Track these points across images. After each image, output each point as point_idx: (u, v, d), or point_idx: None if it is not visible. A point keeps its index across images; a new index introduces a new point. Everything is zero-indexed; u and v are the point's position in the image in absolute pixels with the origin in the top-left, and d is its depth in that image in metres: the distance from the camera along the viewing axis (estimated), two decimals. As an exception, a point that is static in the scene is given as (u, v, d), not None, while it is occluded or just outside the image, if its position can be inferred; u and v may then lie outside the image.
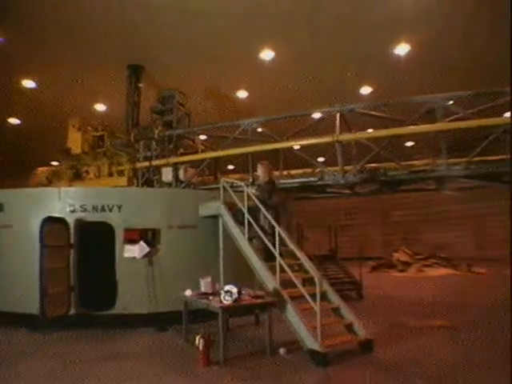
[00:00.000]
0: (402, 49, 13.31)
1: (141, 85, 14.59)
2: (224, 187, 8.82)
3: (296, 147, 11.69)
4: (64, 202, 9.06)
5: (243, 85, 15.67)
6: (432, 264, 20.21)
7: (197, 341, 6.26)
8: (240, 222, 8.26)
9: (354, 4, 10.99)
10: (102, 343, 7.63)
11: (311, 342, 6.26)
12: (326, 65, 14.07)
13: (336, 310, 7.32)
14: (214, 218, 9.06)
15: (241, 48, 12.88)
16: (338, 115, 10.61)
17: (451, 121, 9.94)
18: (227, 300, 6.49)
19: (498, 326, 8.39)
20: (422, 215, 28.50)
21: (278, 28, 11.98)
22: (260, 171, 8.88)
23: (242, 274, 7.81)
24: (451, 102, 10.06)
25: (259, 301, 6.90)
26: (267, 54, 13.35)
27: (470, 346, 7.02)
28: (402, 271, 20.05)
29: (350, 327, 7.05)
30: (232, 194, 8.53)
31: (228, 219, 8.51)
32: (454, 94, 10.20)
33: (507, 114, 12.75)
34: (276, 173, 10.84)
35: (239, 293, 6.62)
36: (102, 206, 9.07)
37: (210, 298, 6.99)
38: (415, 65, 14.16)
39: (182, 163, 12.56)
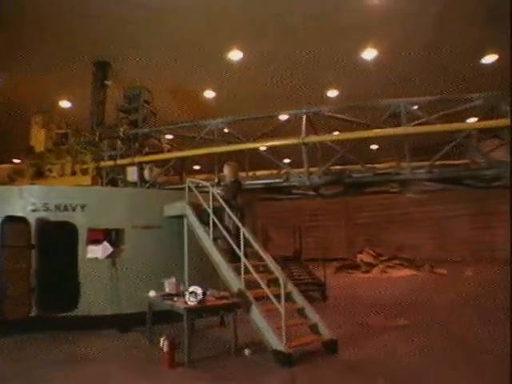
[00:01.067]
0: (369, 53, 13.50)
1: (107, 82, 14.34)
2: (189, 187, 8.79)
3: (262, 148, 11.73)
4: (25, 200, 8.85)
5: (211, 85, 15.61)
6: (395, 265, 20.52)
7: (161, 342, 6.21)
8: (205, 222, 8.23)
9: (324, 7, 11.06)
10: (64, 346, 7.49)
11: (276, 343, 6.28)
12: (294, 67, 14.13)
13: (300, 311, 7.35)
14: (179, 218, 9.00)
15: (209, 47, 12.78)
16: (304, 117, 10.69)
17: (415, 125, 10.13)
18: (192, 301, 6.48)
19: (459, 324, 8.67)
20: (386, 217, 28.94)
21: (246, 28, 11.98)
22: (226, 171, 8.87)
23: (207, 274, 7.79)
24: (416, 107, 10.24)
25: (224, 302, 6.91)
26: (235, 55, 13.32)
27: (432, 344, 7.15)
28: (365, 272, 20.27)
29: (314, 328, 7.08)
30: (197, 194, 8.51)
31: (193, 219, 8.48)
32: (419, 99, 10.41)
33: (470, 120, 13.09)
34: (242, 174, 10.85)
35: (204, 294, 6.62)
36: (65, 206, 8.91)
37: (175, 299, 6.96)
38: (382, 69, 14.39)
39: (148, 163, 12.43)
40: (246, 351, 6.70)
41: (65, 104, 17.00)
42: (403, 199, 24.62)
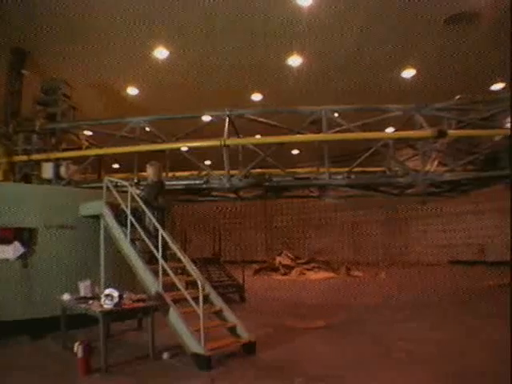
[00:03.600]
0: (294, 60, 13.71)
1: (24, 72, 13.61)
2: (107, 186, 8.53)
3: (184, 149, 11.62)
4: None
5: (134, 82, 15.23)
6: (313, 268, 20.96)
7: (76, 348, 5.93)
8: (123, 223, 8.03)
9: (251, 10, 11.11)
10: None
11: (194, 346, 6.21)
12: (219, 68, 14.11)
13: (219, 313, 7.33)
14: (97, 218, 8.74)
15: (134, 43, 12.44)
16: (227, 119, 10.70)
17: (335, 132, 10.40)
18: (108, 304, 6.28)
19: (375, 324, 8.95)
20: (305, 221, 29.61)
21: (173, 27, 11.77)
22: (150, 171, 8.71)
23: (124, 277, 7.63)
24: (336, 115, 10.52)
25: (141, 305, 6.77)
26: (161, 53, 13.08)
27: (349, 344, 7.33)
28: (284, 274, 20.56)
29: (233, 330, 7.08)
30: (115, 193, 8.28)
31: (110, 220, 8.23)
32: (340, 107, 10.71)
33: (388, 130, 13.63)
34: (162, 174, 10.70)
35: (120, 297, 6.43)
36: (-29, 202, 8.38)
37: (90, 302, 6.73)
38: (306, 76, 14.66)
39: (65, 159, 11.96)
40: (165, 355, 6.59)
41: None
42: (321, 204, 25.31)
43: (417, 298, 12.43)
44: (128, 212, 7.82)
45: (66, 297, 7.26)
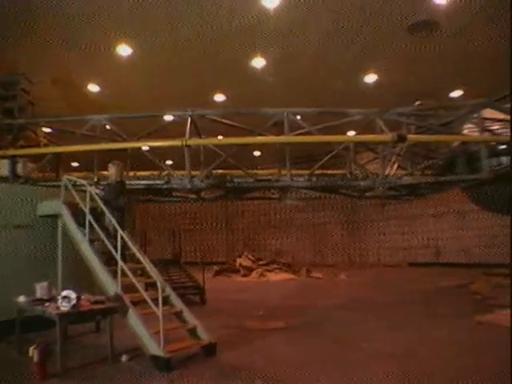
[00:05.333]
0: (258, 62, 13.73)
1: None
2: (66, 185, 8.38)
3: (145, 148, 11.50)
4: None
5: (96, 78, 14.92)
6: (273, 269, 21.02)
7: (31, 352, 5.72)
8: (82, 223, 7.90)
9: (216, 10, 11.06)
10: None
11: (154, 348, 6.15)
12: (183, 68, 14.00)
13: (179, 315, 7.29)
14: (54, 217, 8.56)
15: (96, 39, 12.12)
16: (189, 119, 10.62)
17: (297, 134, 10.45)
18: (65, 306, 6.15)
19: (334, 324, 9.10)
20: (265, 222, 29.71)
21: (137, 24, 11.57)
22: (111, 171, 8.60)
23: (82, 278, 7.48)
24: (299, 117, 10.58)
25: (99, 306, 6.64)
26: (124, 50, 12.84)
27: (309, 345, 7.39)
28: (244, 276, 20.59)
29: (193, 331, 7.04)
30: (74, 193, 8.14)
31: (68, 220, 8.09)
32: (302, 109, 10.77)
33: (349, 133, 13.81)
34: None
35: (78, 298, 6.31)
36: None
37: (47, 304, 6.56)
38: (269, 78, 14.70)
39: (22, 156, 11.66)
40: (124, 357, 6.49)
41: None
42: (283, 205, 25.47)
43: (376, 298, 12.63)
44: (86, 212, 7.71)
45: (21, 299, 7.05)
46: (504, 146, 10.21)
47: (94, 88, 15.50)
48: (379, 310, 10.72)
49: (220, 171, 11.32)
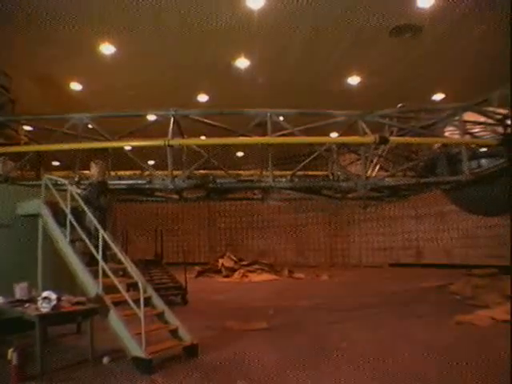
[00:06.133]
0: (242, 62, 13.75)
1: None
2: (46, 184, 8.29)
3: (127, 148, 11.42)
4: None
5: (78, 76, 14.78)
6: (256, 270, 21.03)
7: (9, 355, 5.61)
8: (63, 223, 7.81)
9: (201, 10, 11.04)
10: None
11: (135, 349, 6.10)
12: (166, 68, 13.97)
13: (161, 316, 7.24)
14: (35, 217, 8.46)
15: (79, 37, 12.00)
16: (172, 119, 10.56)
17: (280, 135, 10.46)
18: (45, 307, 6.07)
19: (315, 324, 9.12)
20: (248, 223, 29.71)
21: (121, 22, 11.49)
22: (93, 170, 8.53)
23: (63, 279, 7.39)
24: (282, 118, 10.59)
25: (80, 307, 6.58)
26: (108, 48, 12.73)
27: (290, 345, 7.40)
28: (226, 276, 20.55)
29: (174, 332, 7.01)
30: (55, 192, 8.05)
31: (49, 219, 8.00)
32: (285, 110, 10.77)
33: (332, 135, 13.87)
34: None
35: (58, 299, 6.25)
36: None
37: (26, 305, 6.47)
38: (253, 79, 14.72)
39: (1, 155, 11.49)
40: (105, 359, 6.42)
41: None
42: (265, 206, 25.47)
43: (357, 299, 12.69)
44: (67, 211, 7.63)
45: (0, 300, 6.97)
46: (484, 149, 10.34)
47: (76, 86, 15.36)
48: (360, 310, 10.78)
49: (202, 171, 11.28)
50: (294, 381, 5.68)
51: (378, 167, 11.05)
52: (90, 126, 11.35)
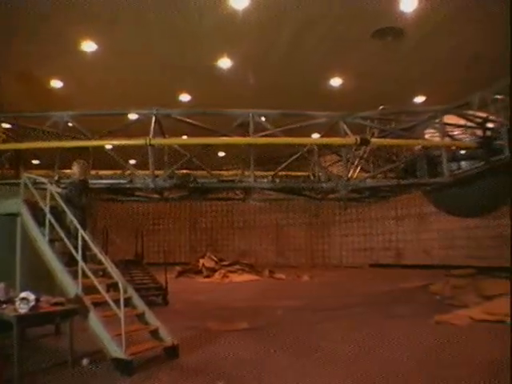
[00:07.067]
0: (225, 62, 13.72)
1: None
2: (26, 183, 8.20)
3: (108, 147, 11.32)
4: None
5: (59, 74, 14.53)
6: (236, 270, 21.02)
7: None
8: (42, 222, 7.73)
9: (184, 10, 10.97)
10: None
11: (115, 350, 6.05)
12: (148, 66, 13.84)
13: (141, 316, 7.20)
14: (13, 216, 8.35)
15: (61, 33, 11.76)
16: (153, 118, 10.48)
17: (262, 136, 10.46)
18: (23, 308, 5.98)
19: (296, 324, 9.17)
20: (229, 223, 29.68)
21: (104, 20, 11.32)
22: (75, 169, 8.43)
23: (42, 279, 7.30)
24: (263, 119, 10.58)
25: (59, 308, 6.48)
26: (89, 46, 12.54)
27: (271, 346, 7.39)
28: (207, 277, 20.50)
29: (155, 333, 6.96)
30: (34, 191, 7.97)
31: (28, 219, 7.90)
32: (268, 111, 10.77)
33: (314, 136, 13.92)
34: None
35: (37, 300, 6.15)
36: None
37: (3, 306, 6.34)
38: (235, 79, 14.70)
39: (-21, 153, 11.34)
40: (84, 361, 6.35)
41: None
42: (246, 206, 25.48)
43: (337, 299, 12.76)
44: (47, 211, 7.55)
45: (-24, 301, 6.86)
46: (464, 151, 10.47)
47: (57, 84, 15.17)
48: (340, 310, 10.85)
49: (184, 171, 11.23)
50: (274, 380, 5.69)
51: (358, 168, 11.10)
52: (70, 124, 11.23)
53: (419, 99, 16.73)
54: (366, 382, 5.55)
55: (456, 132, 10.58)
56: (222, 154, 23.35)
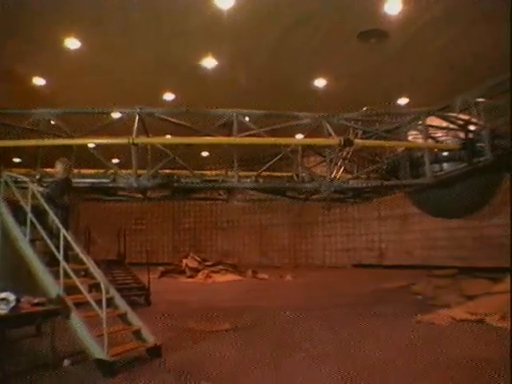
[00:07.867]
0: (209, 62, 13.74)
1: None
2: (6, 182, 8.10)
3: (91, 146, 11.22)
4: None
5: (41, 71, 14.41)
6: (220, 270, 21.03)
7: None
8: (23, 221, 7.63)
9: (169, 9, 10.95)
10: None
11: (97, 351, 5.98)
12: (133, 65, 13.81)
13: (123, 317, 7.15)
14: (-7, 215, 8.24)
15: (44, 30, 11.71)
16: (137, 117, 10.40)
17: (246, 136, 10.44)
18: (3, 309, 5.90)
19: (278, 325, 9.17)
20: (212, 223, 29.67)
21: (88, 17, 11.27)
22: (58, 168, 8.35)
23: (23, 279, 7.21)
24: (247, 119, 10.56)
25: (40, 309, 6.41)
26: (73, 43, 12.47)
27: (254, 346, 7.39)
28: (190, 277, 20.47)
29: (137, 334, 6.93)
30: (15, 190, 7.87)
31: (8, 218, 7.80)
32: (252, 111, 10.75)
33: (298, 136, 13.94)
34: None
35: (17, 300, 6.07)
36: None
37: (-17, 307, 6.30)
38: (219, 79, 14.69)
39: (-41, 152, 11.16)
40: (66, 362, 6.28)
41: None
42: (229, 206, 25.42)
43: (319, 299, 12.80)
44: (28, 210, 7.46)
45: (-46, 302, 6.74)
46: (446, 153, 10.55)
47: (39, 81, 15.00)
48: (322, 310, 10.87)
49: (167, 171, 11.17)
50: (258, 380, 5.70)
51: (342, 169, 11.13)
52: (53, 122, 11.10)
53: (403, 101, 16.88)
54: (347, 380, 5.55)
55: (439, 134, 10.66)
56: (205, 153, 23.30)
